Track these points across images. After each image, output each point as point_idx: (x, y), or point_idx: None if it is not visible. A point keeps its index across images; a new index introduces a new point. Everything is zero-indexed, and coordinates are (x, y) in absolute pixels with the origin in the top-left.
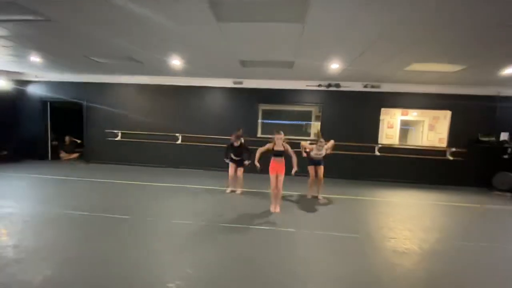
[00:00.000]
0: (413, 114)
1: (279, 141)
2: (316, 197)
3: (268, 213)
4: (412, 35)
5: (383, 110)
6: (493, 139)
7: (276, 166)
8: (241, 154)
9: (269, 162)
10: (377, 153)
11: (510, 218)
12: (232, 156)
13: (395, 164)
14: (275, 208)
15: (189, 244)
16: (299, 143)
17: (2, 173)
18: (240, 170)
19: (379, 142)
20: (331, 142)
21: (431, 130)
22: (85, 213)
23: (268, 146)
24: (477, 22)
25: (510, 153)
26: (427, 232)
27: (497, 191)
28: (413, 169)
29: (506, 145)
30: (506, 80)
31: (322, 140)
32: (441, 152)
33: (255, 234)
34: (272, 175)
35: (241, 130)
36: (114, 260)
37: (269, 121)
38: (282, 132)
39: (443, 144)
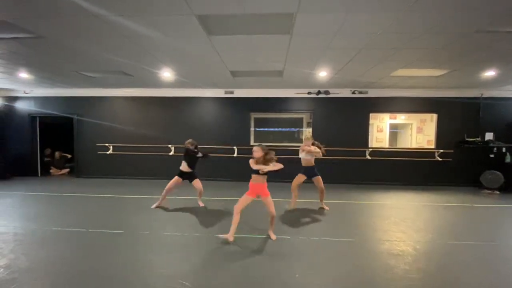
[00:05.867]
0: (401, 118)
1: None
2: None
3: (263, 221)
4: (397, 43)
5: (372, 115)
6: (478, 139)
7: (256, 186)
8: (195, 166)
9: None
10: (368, 157)
11: (500, 216)
12: (185, 168)
13: (386, 167)
14: (231, 236)
15: (184, 256)
16: (292, 149)
17: None
18: (198, 182)
19: (369, 146)
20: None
21: (419, 133)
22: (78, 229)
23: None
24: (457, 29)
25: (496, 152)
26: (420, 233)
27: (486, 189)
28: (404, 171)
29: (492, 144)
30: (488, 82)
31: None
32: (430, 153)
33: (251, 243)
34: (250, 197)
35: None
36: (108, 276)
37: (262, 129)
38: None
39: (432, 145)
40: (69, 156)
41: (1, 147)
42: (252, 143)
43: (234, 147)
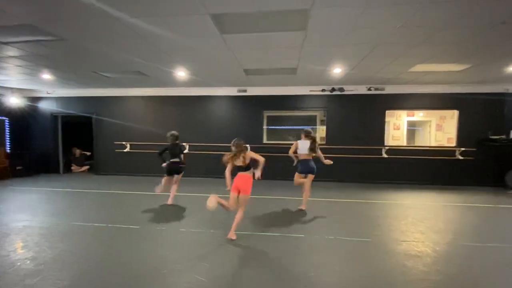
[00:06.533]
0: (419, 115)
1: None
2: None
3: (275, 219)
4: (415, 37)
5: (388, 112)
6: (503, 137)
7: (237, 181)
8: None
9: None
10: (384, 155)
11: None
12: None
13: (404, 166)
14: (232, 235)
15: (200, 252)
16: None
17: (18, 187)
18: (177, 177)
19: (385, 144)
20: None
21: (439, 130)
22: (98, 224)
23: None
24: (480, 20)
25: None
26: (440, 234)
27: (511, 190)
28: (422, 170)
29: None
30: None
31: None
32: (451, 152)
33: (265, 241)
34: (232, 193)
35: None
36: (127, 270)
37: (274, 127)
38: (242, 143)
39: (452, 144)
40: (88, 153)
41: (26, 146)
42: (265, 141)
43: (247, 145)
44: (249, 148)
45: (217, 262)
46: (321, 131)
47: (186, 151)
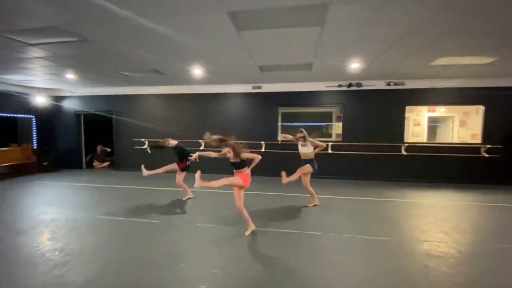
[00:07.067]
0: (440, 111)
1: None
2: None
3: (291, 216)
4: (439, 29)
5: (408, 107)
6: None
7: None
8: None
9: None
10: (403, 152)
11: None
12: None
13: (424, 163)
14: (252, 226)
15: (216, 246)
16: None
17: (45, 182)
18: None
19: (405, 141)
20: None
21: (462, 126)
22: (120, 218)
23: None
24: (509, 10)
25: None
26: (464, 235)
27: None
28: (444, 167)
29: None
30: None
31: (302, 130)
32: (475, 149)
33: (281, 237)
34: (236, 190)
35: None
36: (149, 261)
37: (289, 124)
38: (229, 144)
39: (477, 140)
40: (109, 150)
41: (52, 142)
42: (279, 138)
43: (262, 142)
44: (263, 145)
45: (233, 257)
46: (337, 128)
47: (201, 147)
